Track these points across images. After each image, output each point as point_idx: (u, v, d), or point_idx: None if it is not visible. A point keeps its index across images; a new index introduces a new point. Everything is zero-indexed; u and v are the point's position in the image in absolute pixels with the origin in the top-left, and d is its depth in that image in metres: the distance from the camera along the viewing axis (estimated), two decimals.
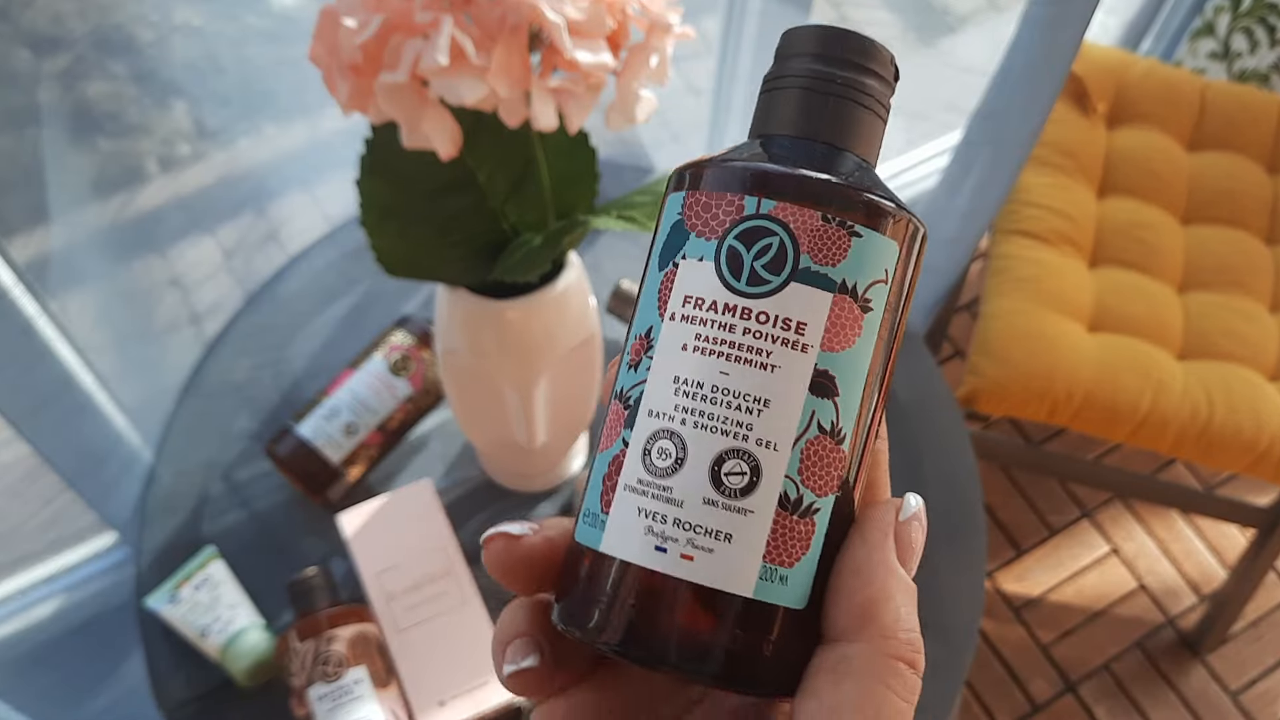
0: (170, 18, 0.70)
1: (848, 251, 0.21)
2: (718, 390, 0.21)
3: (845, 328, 0.21)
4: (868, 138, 0.23)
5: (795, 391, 0.21)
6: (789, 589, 0.21)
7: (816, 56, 0.22)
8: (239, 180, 0.83)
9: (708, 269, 0.21)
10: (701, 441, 0.21)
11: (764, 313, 0.21)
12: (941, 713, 0.69)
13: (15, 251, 0.67)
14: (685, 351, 0.21)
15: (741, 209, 0.21)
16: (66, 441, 0.76)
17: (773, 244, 0.21)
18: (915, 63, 0.88)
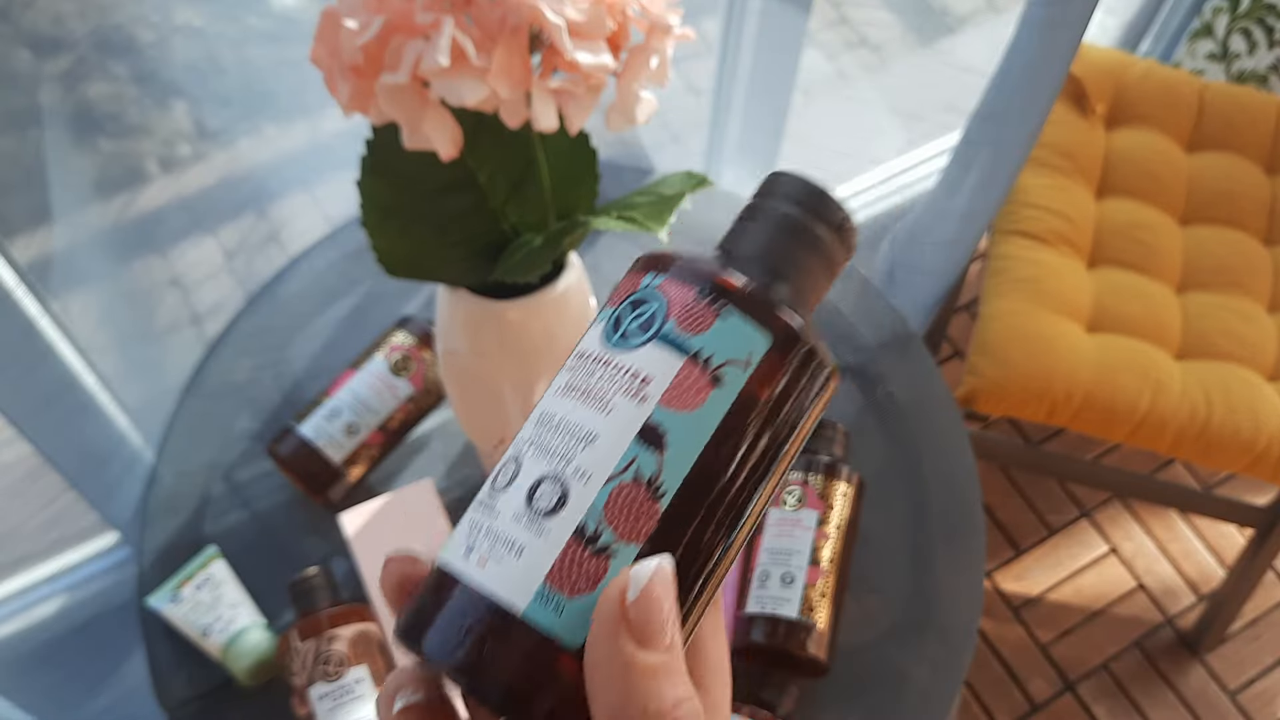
0: (171, 18, 0.70)
1: (710, 326, 0.22)
2: (560, 423, 0.22)
3: (688, 391, 0.22)
4: (806, 275, 0.25)
5: (623, 434, 0.22)
6: (563, 620, 0.21)
7: (785, 198, 0.25)
8: (240, 181, 0.83)
9: (599, 329, 0.24)
10: (531, 464, 0.22)
11: (621, 364, 0.22)
12: (941, 712, 0.70)
13: (17, 252, 0.67)
14: (554, 395, 0.23)
15: (639, 283, 0.24)
16: (68, 441, 0.76)
17: (648, 310, 0.23)
18: (914, 63, 0.88)
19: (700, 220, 0.88)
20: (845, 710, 0.69)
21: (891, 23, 0.87)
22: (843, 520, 0.69)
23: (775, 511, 0.69)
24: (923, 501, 0.76)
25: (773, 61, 0.92)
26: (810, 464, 0.70)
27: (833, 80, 0.95)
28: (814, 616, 0.65)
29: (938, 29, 0.87)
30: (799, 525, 0.68)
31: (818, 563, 0.67)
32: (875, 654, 0.71)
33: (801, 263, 0.24)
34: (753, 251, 0.24)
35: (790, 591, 0.66)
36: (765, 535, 0.69)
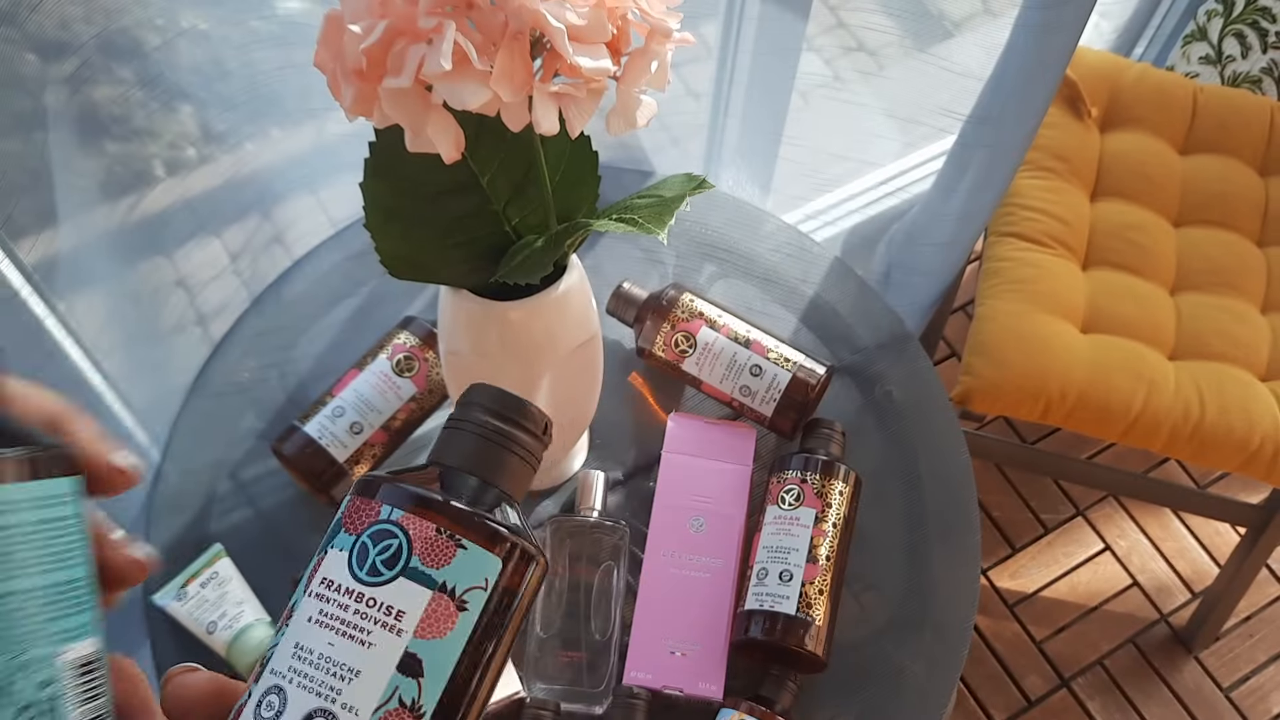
0: (177, 22, 0.70)
1: (452, 559, 0.25)
2: (322, 658, 0.24)
3: (439, 620, 0.25)
4: (512, 476, 0.28)
5: (383, 667, 0.24)
6: None
7: (486, 409, 0.28)
8: (245, 183, 0.84)
9: (343, 558, 0.25)
10: (299, 698, 0.24)
11: (374, 599, 0.25)
12: (937, 708, 0.70)
13: (24, 253, 0.68)
14: (309, 623, 0.25)
15: (377, 514, 0.26)
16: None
17: (392, 545, 0.25)
18: (911, 67, 0.89)
19: (700, 221, 0.89)
20: (842, 706, 0.70)
21: (889, 27, 0.88)
22: (840, 518, 0.69)
23: (773, 509, 0.70)
24: (919, 499, 0.77)
25: (771, 66, 0.92)
26: (808, 462, 0.71)
27: (830, 84, 0.96)
28: (811, 613, 0.66)
29: (934, 33, 0.87)
30: (796, 523, 0.69)
31: (815, 560, 0.67)
32: (872, 650, 0.71)
33: (509, 466, 0.27)
34: (466, 465, 0.27)
35: (788, 588, 0.66)
36: (763, 533, 0.70)
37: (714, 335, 0.75)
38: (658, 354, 0.76)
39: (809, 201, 1.10)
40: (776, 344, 0.75)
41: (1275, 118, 1.15)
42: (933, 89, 0.89)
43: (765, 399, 0.74)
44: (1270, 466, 0.99)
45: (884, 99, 0.96)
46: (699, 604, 0.69)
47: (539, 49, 0.45)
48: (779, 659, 0.67)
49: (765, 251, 0.88)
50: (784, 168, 1.03)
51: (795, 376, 0.74)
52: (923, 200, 1.02)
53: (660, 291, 0.77)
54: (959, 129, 0.90)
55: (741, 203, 0.90)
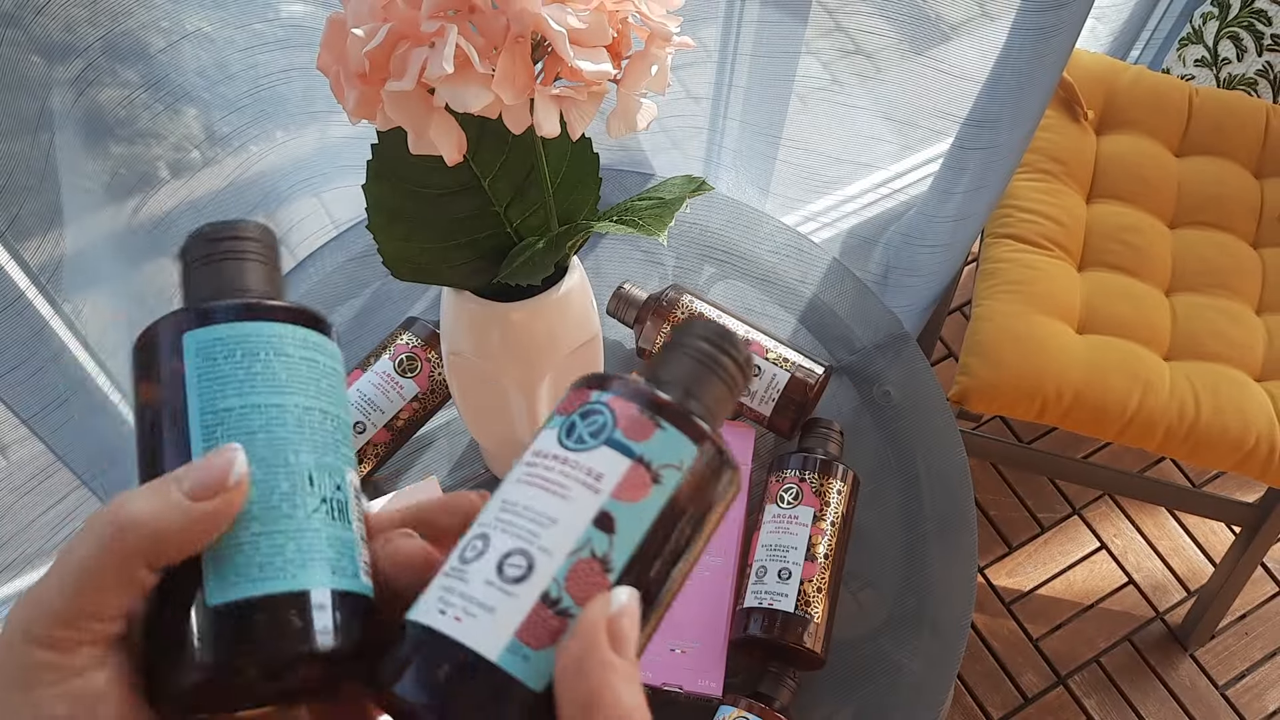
0: (181, 25, 0.71)
1: (650, 435, 0.27)
2: (525, 508, 0.27)
3: (634, 487, 0.27)
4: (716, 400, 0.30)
5: (580, 519, 0.26)
6: (530, 667, 0.25)
7: (701, 338, 0.30)
8: (249, 185, 0.84)
9: (554, 434, 0.28)
10: (500, 541, 0.26)
11: (577, 462, 0.27)
12: (934, 705, 0.71)
13: (29, 255, 0.68)
14: (515, 483, 0.27)
15: (588, 398, 0.28)
16: (79, 441, 0.77)
17: (598, 420, 0.28)
18: (908, 70, 0.89)
19: (700, 223, 0.90)
20: (840, 703, 0.70)
21: (886, 31, 0.88)
22: (838, 516, 0.70)
23: (772, 508, 0.71)
24: (916, 498, 0.78)
25: (770, 69, 0.93)
26: (806, 462, 0.71)
27: (828, 87, 0.97)
28: (810, 610, 0.66)
29: (932, 37, 0.88)
30: (795, 521, 0.69)
31: (814, 558, 0.68)
32: (870, 648, 0.72)
33: (714, 388, 0.29)
34: (675, 378, 0.29)
35: (787, 586, 0.67)
36: (762, 531, 0.70)
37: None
38: None
39: (807, 203, 1.10)
40: (775, 344, 0.76)
41: (1270, 120, 1.16)
42: (930, 92, 0.89)
43: (764, 399, 0.75)
44: (1265, 465, 0.99)
45: (882, 102, 0.96)
46: (698, 602, 0.70)
47: (540, 52, 0.46)
48: (778, 656, 0.68)
49: (764, 253, 0.89)
50: (783, 170, 1.03)
51: (794, 376, 0.75)
52: (920, 202, 1.02)
53: (660, 292, 0.78)
54: (956, 132, 0.90)
55: (741, 204, 0.91)
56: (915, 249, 1.04)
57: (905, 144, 1.00)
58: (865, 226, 1.12)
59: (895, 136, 0.98)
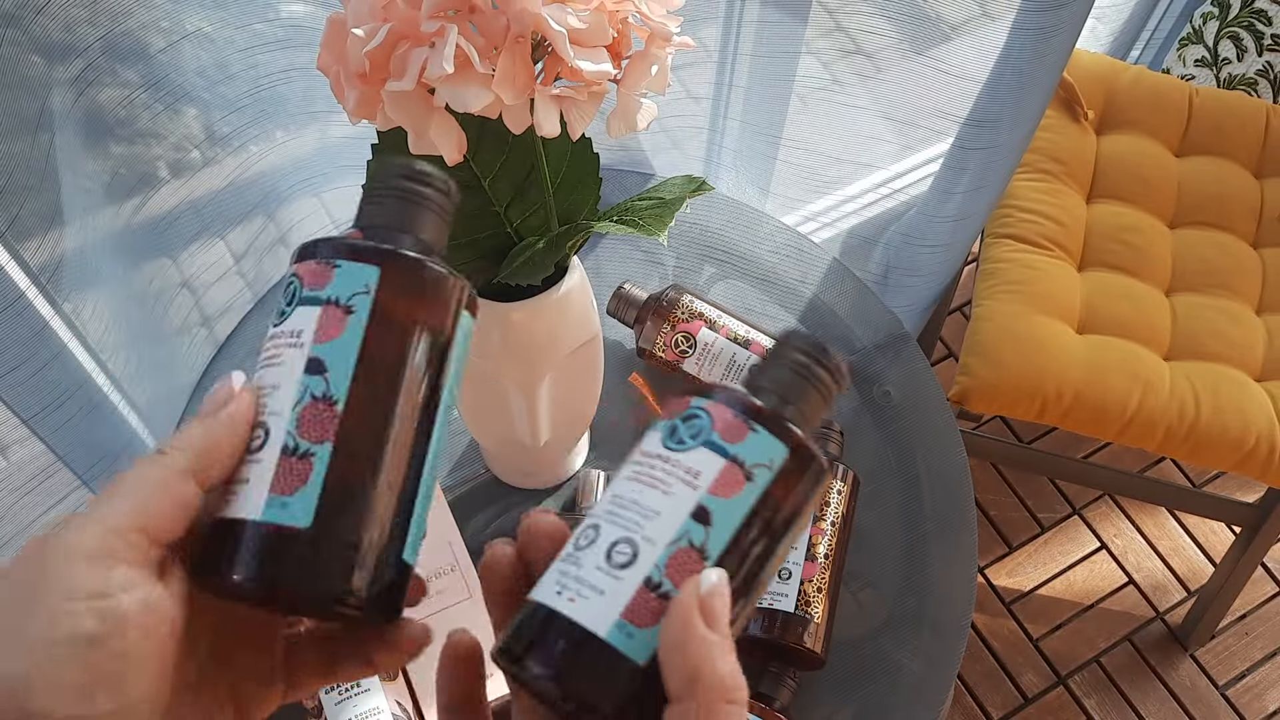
0: (181, 25, 0.71)
1: (744, 438, 0.30)
2: (631, 502, 0.29)
3: (728, 484, 0.29)
4: (812, 406, 0.32)
5: (679, 512, 0.29)
6: (635, 643, 0.28)
7: (799, 349, 0.32)
8: (249, 185, 0.84)
9: (657, 436, 0.31)
10: (609, 531, 0.29)
11: (677, 461, 0.29)
12: (934, 705, 0.71)
13: (29, 255, 0.68)
14: (624, 480, 0.30)
15: (689, 403, 0.31)
16: (79, 440, 0.77)
17: (698, 423, 0.30)
18: (908, 70, 0.89)
19: (700, 223, 0.90)
20: (841, 703, 0.71)
21: (886, 30, 0.88)
22: (838, 516, 0.70)
23: None
24: (916, 498, 0.78)
25: (770, 69, 0.93)
26: None
27: (828, 87, 0.97)
28: (810, 610, 0.67)
29: (932, 36, 0.88)
30: None
31: (814, 558, 0.68)
32: (870, 647, 0.72)
33: (808, 395, 0.32)
34: (772, 386, 0.32)
35: (787, 586, 0.67)
36: None
37: (713, 336, 0.76)
38: (658, 354, 0.77)
39: (807, 203, 1.10)
40: None
41: (1270, 120, 1.16)
42: (930, 92, 0.89)
43: None
44: (1265, 465, 0.99)
45: (882, 102, 0.96)
46: None
47: (540, 52, 0.46)
48: (778, 656, 0.68)
49: (764, 253, 0.89)
50: (783, 170, 1.03)
51: None
52: (920, 202, 1.02)
53: (660, 292, 0.78)
54: (956, 132, 0.91)
55: (741, 204, 0.91)
56: (915, 249, 1.04)
57: (905, 144, 1.00)
58: (865, 226, 1.12)
59: (895, 136, 0.98)
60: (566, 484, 0.76)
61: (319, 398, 0.29)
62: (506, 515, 0.75)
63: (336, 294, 0.30)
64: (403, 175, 0.33)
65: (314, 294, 0.30)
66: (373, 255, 0.31)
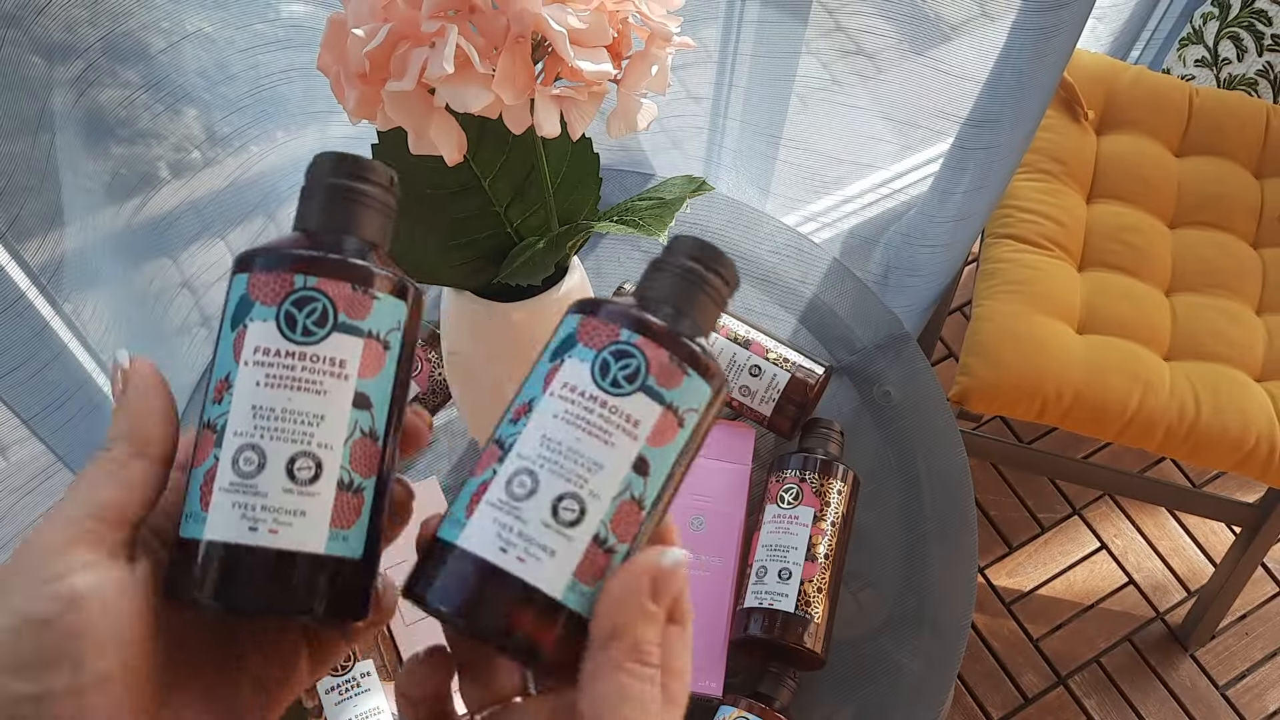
0: (182, 25, 0.71)
1: (679, 384, 0.29)
2: (571, 451, 0.29)
3: (665, 432, 0.29)
4: (704, 313, 0.32)
5: (622, 465, 0.29)
6: (584, 600, 0.28)
7: (688, 255, 0.32)
8: (249, 185, 0.84)
9: (585, 369, 0.29)
10: (550, 482, 0.28)
11: (616, 407, 0.29)
12: (934, 705, 0.71)
13: (30, 255, 0.68)
14: (555, 419, 0.29)
15: (617, 334, 0.30)
16: (80, 441, 0.77)
17: (632, 364, 0.29)
18: (908, 70, 0.89)
19: (700, 223, 0.90)
20: (841, 703, 0.71)
21: (886, 31, 0.88)
22: (838, 516, 0.70)
23: (772, 508, 0.71)
24: (917, 498, 0.78)
25: (770, 69, 0.93)
26: (807, 462, 0.71)
27: (828, 87, 0.97)
28: (810, 611, 0.67)
29: (932, 37, 0.88)
30: (795, 521, 0.69)
31: (814, 558, 0.68)
32: (870, 648, 0.72)
33: (707, 308, 0.31)
34: (669, 300, 0.31)
35: (787, 586, 0.67)
36: (763, 531, 0.70)
37: (713, 336, 0.76)
38: None
39: (808, 203, 1.10)
40: (775, 344, 0.76)
41: (1271, 120, 1.16)
42: (930, 92, 0.90)
43: (764, 399, 0.75)
44: (1265, 466, 0.99)
45: (882, 102, 0.97)
46: (698, 602, 0.70)
47: (540, 52, 0.46)
48: (778, 656, 0.68)
49: (764, 253, 0.89)
50: (783, 170, 1.03)
51: (794, 377, 0.75)
52: (920, 202, 1.02)
53: None
54: (956, 132, 0.91)
55: (741, 205, 0.91)
56: (915, 249, 1.04)
57: (905, 144, 1.00)
58: (865, 226, 1.12)
59: (895, 136, 0.98)
60: None
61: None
62: None
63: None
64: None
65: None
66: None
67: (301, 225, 0.31)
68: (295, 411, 0.29)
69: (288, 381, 0.29)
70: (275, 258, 0.30)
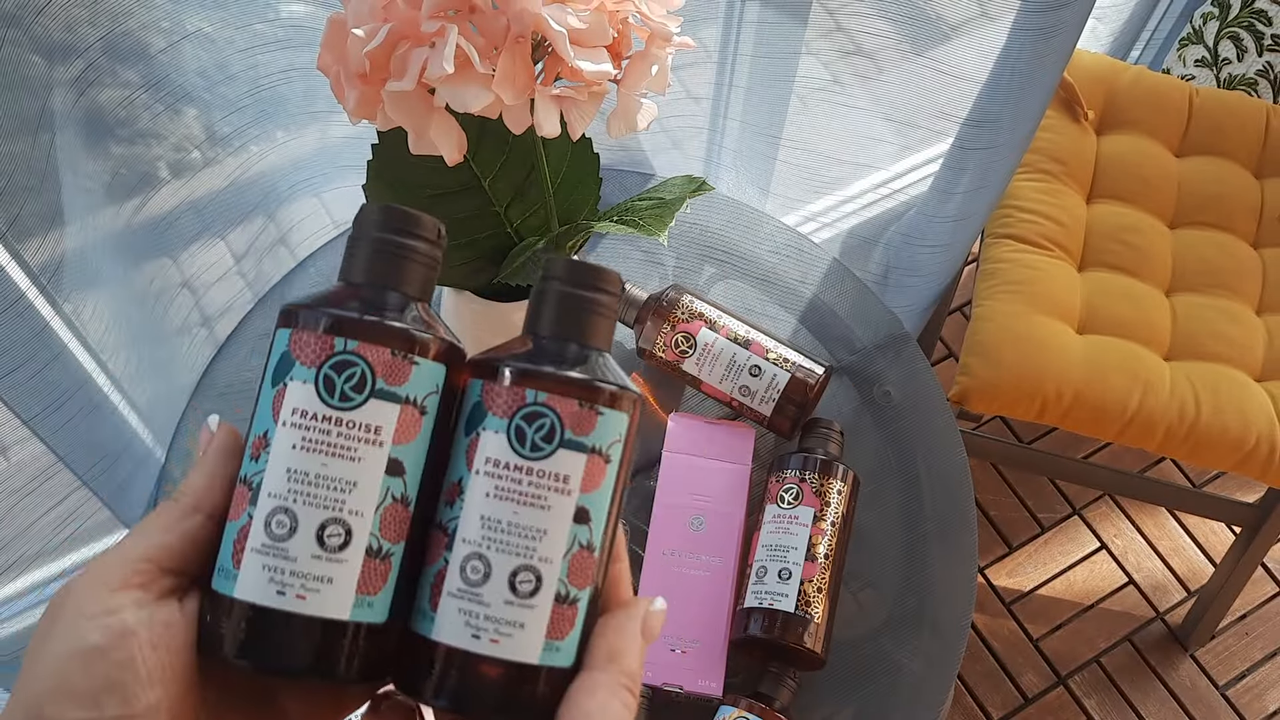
0: (182, 25, 0.71)
1: (596, 425, 0.30)
2: (512, 525, 0.29)
3: (594, 477, 0.30)
4: (601, 334, 0.31)
5: (563, 523, 0.29)
6: (561, 654, 0.29)
7: (565, 280, 0.31)
8: (249, 185, 0.84)
9: (502, 439, 0.29)
10: (502, 561, 0.29)
11: (543, 470, 0.29)
12: (934, 705, 0.71)
13: (30, 255, 0.68)
14: (489, 498, 0.29)
15: (524, 398, 0.29)
16: (80, 440, 0.77)
17: (546, 423, 0.29)
18: (908, 70, 0.89)
19: (700, 223, 0.90)
20: (841, 703, 0.71)
21: (886, 31, 0.88)
22: (838, 516, 0.70)
23: (772, 508, 0.71)
24: (917, 498, 0.78)
25: (770, 69, 0.93)
26: (807, 462, 0.71)
27: (828, 87, 0.97)
28: (810, 611, 0.67)
29: (932, 37, 0.88)
30: (795, 521, 0.69)
31: (814, 558, 0.68)
32: (870, 648, 0.72)
33: (600, 329, 0.31)
34: (558, 335, 0.31)
35: (787, 586, 0.67)
36: (762, 531, 0.70)
37: (713, 336, 0.76)
38: (658, 354, 0.77)
39: (807, 204, 1.10)
40: (775, 344, 0.76)
41: (1270, 120, 1.16)
42: (930, 92, 0.90)
43: (764, 399, 0.75)
44: (1265, 466, 0.99)
45: (882, 102, 0.97)
46: (699, 602, 0.70)
47: (540, 52, 0.46)
48: (778, 656, 0.68)
49: (764, 253, 0.89)
50: (783, 170, 1.03)
51: (794, 377, 0.75)
52: (920, 203, 1.02)
53: (660, 293, 0.78)
54: (956, 132, 0.91)
55: (741, 205, 0.91)
56: (915, 249, 1.04)
57: (905, 144, 1.00)
58: (865, 227, 1.12)
59: (895, 137, 0.98)
60: None
61: (398, 499, 0.29)
62: None
63: (414, 394, 0.30)
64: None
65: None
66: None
67: (346, 277, 0.32)
68: (329, 478, 0.29)
69: (323, 447, 0.29)
70: (316, 317, 0.30)
